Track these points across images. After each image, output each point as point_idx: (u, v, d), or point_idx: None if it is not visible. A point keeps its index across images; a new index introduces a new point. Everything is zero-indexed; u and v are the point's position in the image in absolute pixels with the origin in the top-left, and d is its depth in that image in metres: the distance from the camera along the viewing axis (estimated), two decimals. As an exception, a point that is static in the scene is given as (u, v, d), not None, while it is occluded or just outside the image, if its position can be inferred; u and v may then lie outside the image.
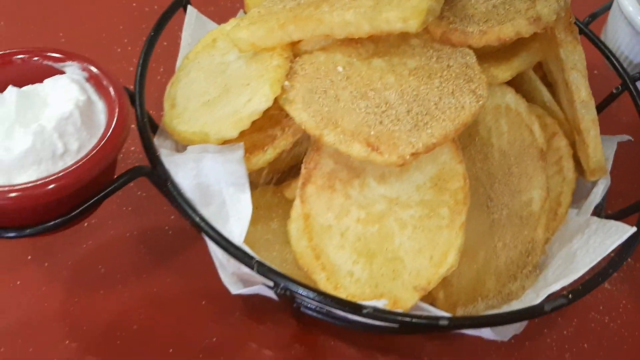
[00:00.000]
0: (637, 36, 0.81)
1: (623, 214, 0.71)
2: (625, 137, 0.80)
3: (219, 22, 0.78)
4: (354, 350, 0.72)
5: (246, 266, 0.59)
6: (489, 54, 0.70)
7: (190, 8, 0.79)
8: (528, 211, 0.70)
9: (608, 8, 0.89)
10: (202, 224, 0.61)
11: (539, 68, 0.77)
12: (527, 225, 0.70)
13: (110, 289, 0.73)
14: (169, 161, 0.63)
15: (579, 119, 0.70)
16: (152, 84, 0.69)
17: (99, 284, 0.74)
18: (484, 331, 0.65)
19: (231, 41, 0.66)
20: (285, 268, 0.65)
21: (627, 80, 0.78)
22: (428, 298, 0.64)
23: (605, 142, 0.74)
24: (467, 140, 0.69)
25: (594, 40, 0.83)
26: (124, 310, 0.72)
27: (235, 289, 0.67)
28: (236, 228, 0.63)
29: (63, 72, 0.64)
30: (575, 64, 0.68)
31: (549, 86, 0.77)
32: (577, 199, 0.76)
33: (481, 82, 0.62)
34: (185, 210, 0.62)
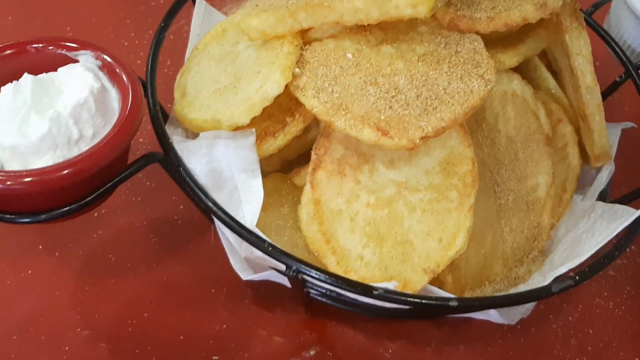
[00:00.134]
0: (641, 25, 0.82)
1: (627, 199, 0.72)
2: (629, 124, 0.80)
3: (227, 15, 0.79)
4: (362, 336, 0.73)
5: (258, 249, 0.60)
6: (496, 41, 0.71)
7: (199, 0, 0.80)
8: (534, 196, 0.71)
9: (611, -3, 0.90)
10: (215, 209, 0.62)
11: (543, 56, 0.78)
12: (533, 211, 0.71)
13: (121, 278, 0.74)
14: (181, 147, 0.64)
15: (584, 105, 0.70)
16: (160, 76, 0.69)
17: (110, 273, 0.74)
18: (491, 314, 0.65)
19: (241, 30, 0.66)
20: (296, 253, 0.65)
21: (631, 68, 0.79)
22: (436, 282, 0.65)
23: (609, 129, 0.75)
24: (475, 126, 0.70)
25: (597, 30, 0.84)
26: (135, 299, 0.73)
27: (245, 275, 0.67)
28: (248, 213, 0.63)
29: (77, 61, 0.65)
30: (580, 50, 0.69)
31: (554, 74, 0.77)
32: (582, 185, 0.77)
33: (489, 67, 0.63)
34: (197, 195, 0.63)
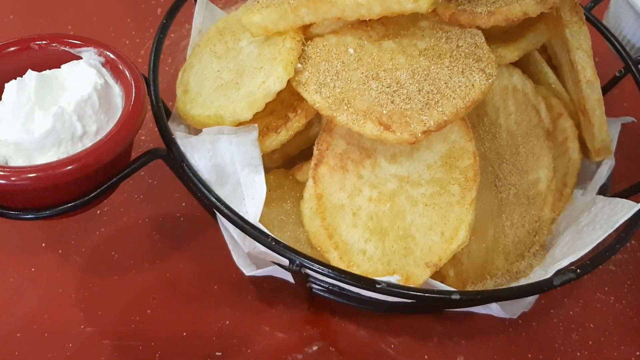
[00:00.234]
0: (640, 20, 0.82)
1: (627, 193, 0.72)
2: (629, 119, 0.81)
3: (228, 12, 0.79)
4: (365, 332, 0.73)
5: (262, 244, 0.60)
6: (496, 35, 0.71)
7: (200, -4, 0.80)
8: (535, 191, 0.71)
9: (610, -8, 0.90)
10: (218, 204, 0.62)
11: (543, 51, 0.78)
12: (534, 205, 0.71)
13: (124, 275, 0.74)
14: (184, 143, 0.64)
15: (584, 99, 0.71)
16: (161, 74, 0.70)
17: (113, 270, 0.75)
18: (493, 308, 0.65)
19: (243, 26, 0.66)
20: (299, 248, 0.65)
21: (630, 63, 0.79)
22: (439, 276, 0.65)
23: (609, 124, 0.75)
24: (476, 120, 0.70)
25: (597, 25, 0.84)
26: (138, 296, 0.73)
27: (248, 270, 0.68)
28: (251, 208, 0.64)
29: (80, 58, 0.65)
30: (580, 44, 0.69)
31: (554, 69, 0.77)
32: (582, 180, 0.77)
33: (490, 61, 0.64)
34: (201, 190, 0.63)
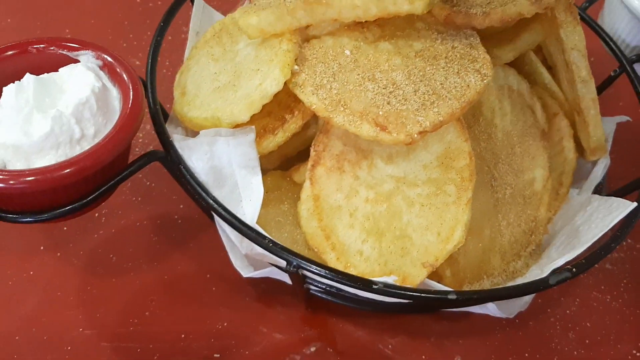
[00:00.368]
0: (634, 19, 0.82)
1: (623, 192, 0.72)
2: (624, 118, 0.81)
3: (225, 14, 0.80)
4: (362, 332, 0.73)
5: (259, 246, 0.61)
6: (492, 36, 0.71)
7: (197, -1, 0.80)
8: (531, 190, 0.72)
9: (605, -8, 0.91)
10: (215, 206, 0.62)
11: (539, 51, 0.79)
12: (530, 204, 0.71)
13: (122, 277, 0.75)
14: (182, 145, 0.65)
15: (579, 98, 0.71)
16: (159, 76, 0.70)
17: (111, 272, 0.75)
18: (490, 308, 0.66)
19: (240, 28, 0.67)
20: (296, 249, 0.65)
21: (625, 62, 0.80)
22: (435, 276, 0.65)
23: (604, 123, 0.75)
24: (472, 120, 0.70)
25: (592, 25, 0.84)
26: (136, 298, 0.73)
27: (246, 272, 0.68)
28: (248, 210, 0.64)
29: (78, 61, 0.65)
30: (575, 44, 0.69)
31: (549, 69, 0.78)
32: (578, 179, 0.77)
33: (485, 62, 0.64)
34: (198, 192, 0.63)
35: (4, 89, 0.61)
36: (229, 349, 0.70)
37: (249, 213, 0.64)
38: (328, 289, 0.66)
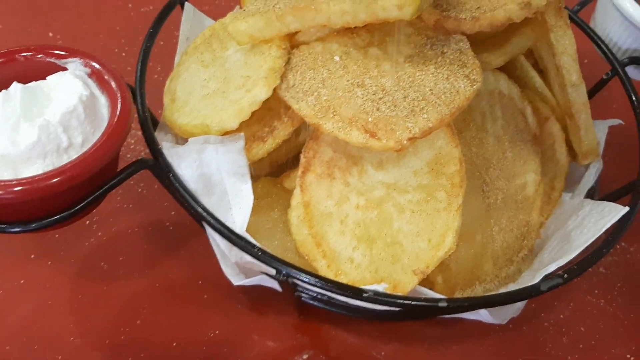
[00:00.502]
0: (626, 22, 0.82)
1: (615, 196, 0.72)
2: (616, 121, 0.81)
3: (216, 20, 0.79)
4: (355, 339, 0.73)
5: (248, 254, 0.60)
6: (481, 41, 0.71)
7: (187, 4, 0.79)
8: (523, 195, 0.71)
9: (597, -5, 0.90)
10: (204, 214, 0.62)
11: (530, 55, 0.78)
12: (522, 209, 0.71)
13: (113, 285, 0.74)
14: (171, 153, 0.64)
15: (570, 103, 0.71)
16: (150, 82, 0.70)
17: (103, 280, 0.74)
18: (482, 314, 0.65)
19: (230, 34, 0.66)
20: (287, 257, 0.65)
21: (617, 65, 0.79)
22: (427, 283, 0.65)
23: (596, 127, 0.75)
24: (462, 125, 0.70)
25: (584, 28, 0.84)
26: (128, 306, 0.73)
27: (237, 280, 0.67)
28: (238, 218, 0.64)
29: (65, 69, 0.65)
30: (565, 49, 0.69)
31: (540, 73, 0.77)
32: (570, 183, 0.77)
33: (475, 67, 0.64)
34: (187, 201, 0.63)
35: (-9, 97, 0.61)
36: (221, 357, 0.70)
37: (239, 221, 0.63)
38: (319, 296, 0.66)
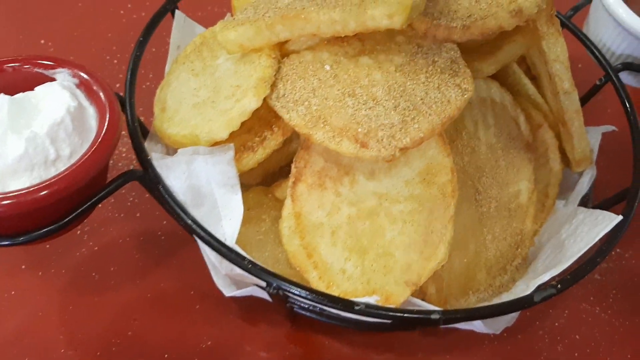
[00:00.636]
0: (619, 28, 0.82)
1: (609, 203, 0.72)
2: (610, 128, 0.80)
3: (207, 27, 0.79)
4: (348, 349, 0.72)
5: (238, 267, 0.60)
6: (473, 49, 0.70)
7: (178, 12, 0.79)
8: (516, 203, 0.71)
9: (590, 1, 0.90)
10: (194, 226, 0.61)
11: (522, 62, 0.78)
12: (516, 217, 0.71)
13: (104, 296, 0.74)
14: (160, 164, 0.64)
15: (562, 110, 0.70)
16: (141, 90, 0.69)
17: (94, 291, 0.74)
18: (476, 325, 0.65)
19: (220, 43, 0.66)
20: (278, 268, 0.65)
21: (610, 71, 0.79)
22: (420, 293, 0.65)
23: (589, 133, 0.75)
24: (454, 134, 0.70)
25: (577, 33, 0.84)
26: (119, 317, 0.72)
27: (228, 291, 0.67)
28: (228, 229, 0.63)
29: (54, 79, 0.64)
30: (557, 56, 0.69)
31: (532, 79, 0.77)
32: (564, 190, 0.77)
33: (466, 76, 0.63)
34: (176, 212, 0.62)
35: (-21, 109, 0.60)
36: (213, 368, 0.69)
37: (229, 232, 0.63)
38: (311, 307, 0.65)
